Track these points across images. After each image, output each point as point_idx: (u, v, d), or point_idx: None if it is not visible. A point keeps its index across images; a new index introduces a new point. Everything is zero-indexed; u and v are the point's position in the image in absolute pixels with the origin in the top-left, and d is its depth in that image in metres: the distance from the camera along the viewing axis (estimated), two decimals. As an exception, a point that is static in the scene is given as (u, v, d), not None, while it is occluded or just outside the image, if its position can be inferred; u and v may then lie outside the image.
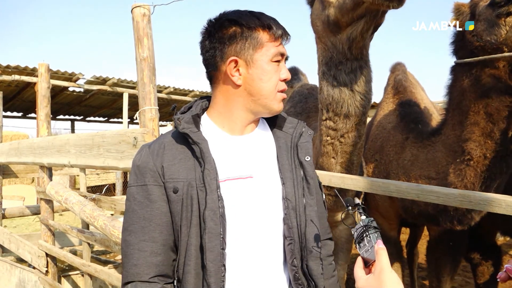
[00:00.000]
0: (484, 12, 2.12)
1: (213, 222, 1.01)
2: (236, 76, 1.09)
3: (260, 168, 1.12)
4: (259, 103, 1.10)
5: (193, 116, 1.12)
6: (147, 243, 1.05)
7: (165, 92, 10.37)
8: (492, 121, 2.15)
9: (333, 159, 2.28)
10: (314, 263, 1.09)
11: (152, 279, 1.04)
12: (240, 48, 1.07)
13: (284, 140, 1.17)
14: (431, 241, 3.11)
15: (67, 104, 11.47)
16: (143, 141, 2.21)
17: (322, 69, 2.19)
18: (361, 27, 1.90)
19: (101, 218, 2.61)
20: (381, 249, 0.87)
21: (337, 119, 2.16)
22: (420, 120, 2.83)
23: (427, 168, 2.54)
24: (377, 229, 0.92)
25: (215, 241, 1.01)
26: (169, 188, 1.05)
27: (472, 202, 1.62)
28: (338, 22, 1.97)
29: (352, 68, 2.06)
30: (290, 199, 1.09)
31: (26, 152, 3.96)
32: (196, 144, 1.05)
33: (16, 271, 4.44)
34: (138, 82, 2.32)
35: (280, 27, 1.10)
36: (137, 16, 2.30)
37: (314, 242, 1.09)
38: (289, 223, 1.09)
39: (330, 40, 2.09)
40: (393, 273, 0.84)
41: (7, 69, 7.77)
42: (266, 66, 1.08)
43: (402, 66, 3.33)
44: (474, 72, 2.21)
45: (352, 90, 2.08)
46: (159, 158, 1.08)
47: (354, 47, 2.00)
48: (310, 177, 1.13)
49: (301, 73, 4.20)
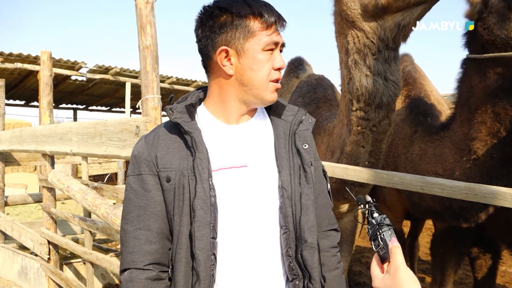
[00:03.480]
0: (496, 4, 2.03)
1: (203, 211, 1.01)
2: (227, 66, 1.06)
3: (256, 157, 1.10)
4: (250, 93, 1.07)
5: (187, 106, 1.11)
6: (142, 231, 1.07)
7: (168, 82, 10.35)
8: (499, 121, 2.10)
9: (363, 148, 2.25)
10: (308, 253, 1.06)
11: (147, 267, 1.05)
12: (230, 37, 1.04)
13: (282, 129, 1.15)
14: (437, 235, 3.09)
15: (69, 93, 11.46)
16: (145, 129, 2.20)
17: (353, 58, 2.08)
18: (418, 13, 1.81)
19: (103, 206, 2.61)
20: (396, 247, 0.86)
21: (368, 109, 2.11)
22: (430, 113, 2.79)
23: (435, 163, 2.51)
24: (391, 226, 0.92)
25: (204, 230, 1.01)
26: (163, 177, 1.06)
27: (478, 195, 1.61)
28: (390, 6, 1.84)
29: (389, 57, 1.99)
30: (285, 188, 1.07)
31: (28, 140, 3.96)
32: (187, 133, 1.05)
33: (18, 258, 4.48)
34: (141, 70, 2.29)
35: (274, 14, 1.05)
36: (140, 3, 2.27)
37: (309, 231, 1.06)
38: (284, 212, 1.07)
39: (369, 25, 1.97)
40: (409, 271, 0.83)
41: (9, 57, 7.75)
42: (258, 56, 1.04)
43: (409, 57, 3.27)
44: (484, 68, 2.14)
45: (386, 79, 2.01)
46: (153, 148, 1.08)
47: (402, 35, 1.91)
48: (307, 165, 1.10)
49: (306, 63, 4.16)
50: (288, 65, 4.23)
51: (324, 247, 1.20)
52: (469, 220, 2.37)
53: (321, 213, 1.20)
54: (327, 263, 1.19)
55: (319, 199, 1.19)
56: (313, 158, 1.16)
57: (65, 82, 10.02)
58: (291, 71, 4.14)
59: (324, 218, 1.21)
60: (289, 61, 4.24)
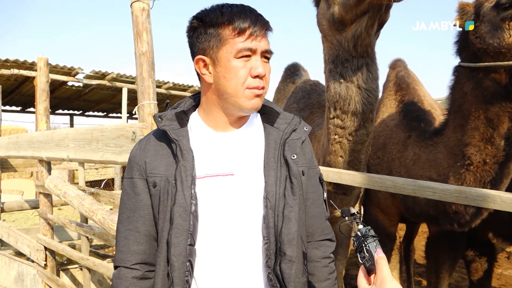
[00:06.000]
0: (488, 13, 2.06)
1: (181, 218, 1.03)
2: (206, 74, 1.08)
3: (243, 165, 1.09)
4: (228, 101, 1.07)
5: (177, 113, 1.13)
6: (131, 232, 1.11)
7: (164, 87, 10.36)
8: (492, 127, 2.13)
9: (341, 157, 2.29)
10: (286, 266, 1.03)
11: (134, 266, 1.09)
12: (205, 46, 1.06)
13: (273, 137, 1.13)
14: (431, 238, 3.11)
15: (66, 99, 11.44)
16: (141, 135, 2.21)
17: (329, 67, 2.20)
18: (365, 23, 1.91)
19: (99, 212, 2.62)
20: (381, 258, 0.87)
21: (344, 117, 2.16)
22: (423, 119, 2.81)
23: (429, 169, 2.53)
24: (376, 238, 0.93)
25: (181, 237, 1.02)
26: (150, 182, 1.09)
27: (468, 198, 1.64)
28: (343, 19, 1.99)
29: (359, 65, 2.08)
30: (269, 199, 1.05)
31: (25, 146, 3.96)
32: (173, 141, 1.07)
33: (15, 264, 4.46)
34: (137, 77, 2.32)
35: (248, 19, 1.02)
36: (136, 11, 2.30)
37: (289, 244, 1.03)
38: (267, 223, 1.05)
39: (335, 38, 2.11)
40: (394, 281, 0.84)
41: (6, 63, 7.74)
42: (230, 63, 1.03)
43: (402, 62, 3.31)
44: (476, 75, 2.18)
45: (359, 87, 2.09)
46: (144, 153, 1.11)
47: (360, 45, 2.01)
48: (294, 176, 1.07)
49: (302, 69, 4.19)
50: (285, 71, 4.27)
51: (315, 257, 1.19)
52: (463, 224, 2.39)
53: (314, 222, 1.18)
54: (317, 274, 1.18)
55: (312, 208, 1.18)
56: (306, 167, 1.15)
57: (62, 88, 10.01)
58: (287, 77, 4.18)
59: (317, 228, 1.20)
60: (286, 67, 4.28)
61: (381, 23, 2.01)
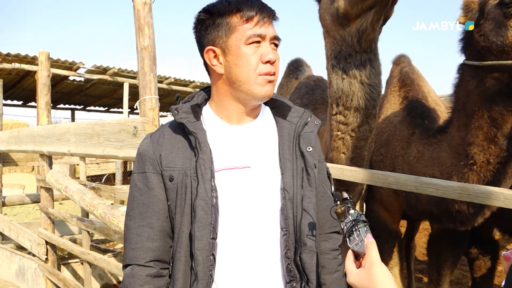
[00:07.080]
0: (492, 11, 2.04)
1: (203, 212, 1.02)
2: (217, 65, 1.08)
3: (259, 158, 1.10)
4: (240, 89, 1.07)
5: (193, 106, 1.12)
6: (144, 229, 1.08)
7: (166, 82, 10.34)
8: (496, 126, 2.11)
9: (344, 154, 2.27)
10: (307, 256, 1.05)
11: (148, 264, 1.07)
12: (215, 36, 1.07)
13: (287, 130, 1.15)
14: (433, 235, 3.10)
15: (67, 94, 11.44)
16: (143, 130, 2.21)
17: (331, 62, 2.17)
18: (371, 17, 1.89)
19: (100, 206, 2.62)
20: (371, 243, 0.87)
21: (347, 113, 2.14)
22: (427, 115, 2.79)
23: (432, 166, 2.52)
24: (366, 223, 0.93)
25: (204, 230, 1.02)
26: (166, 176, 1.07)
27: (471, 195, 1.62)
28: (348, 14, 1.96)
29: (362, 60, 2.05)
30: (287, 190, 1.07)
31: (26, 140, 3.96)
32: (192, 134, 1.06)
33: (16, 258, 4.47)
34: (139, 71, 2.31)
35: (255, 7, 1.04)
36: (138, 5, 2.28)
37: (309, 234, 1.06)
38: (285, 214, 1.07)
39: (339, 33, 2.08)
40: (383, 266, 0.85)
41: (7, 57, 7.74)
42: (241, 50, 1.04)
43: (406, 58, 3.28)
44: (480, 74, 2.16)
45: (362, 83, 2.07)
46: (158, 147, 1.09)
47: (364, 40, 1.99)
48: (310, 168, 1.10)
49: (305, 64, 4.17)
50: (288, 67, 4.25)
51: (325, 250, 1.20)
52: (466, 223, 2.38)
53: (323, 215, 1.19)
54: (328, 266, 1.19)
55: (321, 201, 1.19)
56: (317, 160, 1.15)
57: (63, 83, 10.00)
58: (290, 72, 4.16)
59: (326, 221, 1.21)
60: (289, 62, 4.26)
61: (386, 18, 1.99)
